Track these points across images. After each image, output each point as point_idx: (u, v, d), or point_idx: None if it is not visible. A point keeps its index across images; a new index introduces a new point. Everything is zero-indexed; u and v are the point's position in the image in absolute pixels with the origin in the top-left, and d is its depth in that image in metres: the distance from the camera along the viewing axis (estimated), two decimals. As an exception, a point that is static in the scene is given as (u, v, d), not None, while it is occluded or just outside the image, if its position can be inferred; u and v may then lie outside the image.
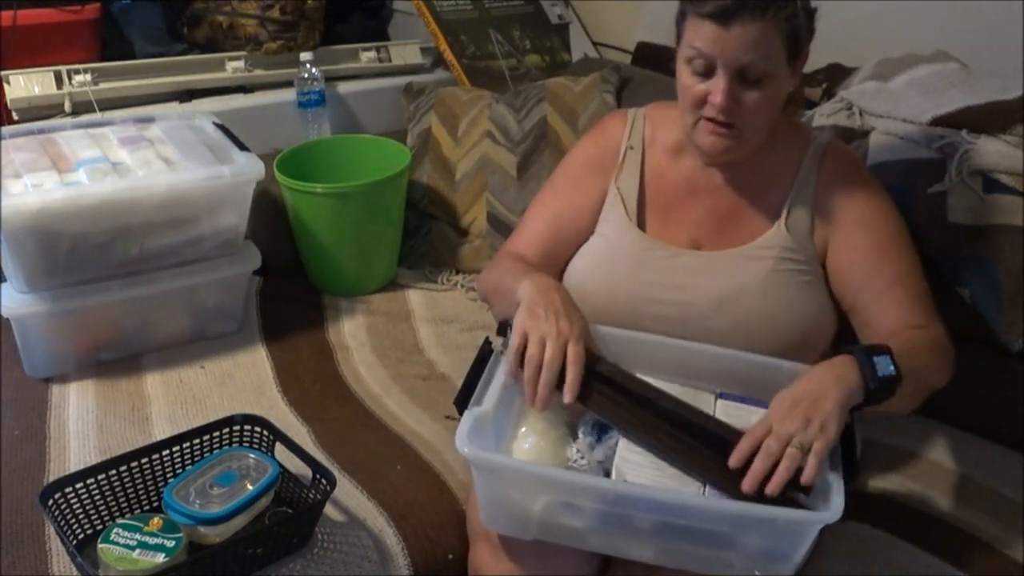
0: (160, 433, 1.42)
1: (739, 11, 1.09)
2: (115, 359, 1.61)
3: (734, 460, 1.02)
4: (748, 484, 0.99)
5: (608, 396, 1.11)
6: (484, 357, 1.17)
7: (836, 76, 1.76)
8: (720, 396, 1.18)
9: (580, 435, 1.14)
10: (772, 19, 1.10)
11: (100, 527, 1.21)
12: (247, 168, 1.58)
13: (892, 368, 1.03)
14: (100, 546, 1.13)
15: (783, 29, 1.12)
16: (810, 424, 1.00)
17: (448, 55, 2.31)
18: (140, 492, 1.26)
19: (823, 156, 1.28)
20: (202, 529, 1.17)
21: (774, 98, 1.18)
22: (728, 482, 1.03)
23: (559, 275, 1.34)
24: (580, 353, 1.09)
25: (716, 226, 1.29)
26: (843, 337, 1.28)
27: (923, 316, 1.20)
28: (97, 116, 1.85)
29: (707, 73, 1.15)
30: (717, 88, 1.14)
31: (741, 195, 1.28)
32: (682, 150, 1.31)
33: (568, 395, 1.08)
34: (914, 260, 1.25)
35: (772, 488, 0.98)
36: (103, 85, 1.98)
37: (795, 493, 1.01)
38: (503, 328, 1.16)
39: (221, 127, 1.73)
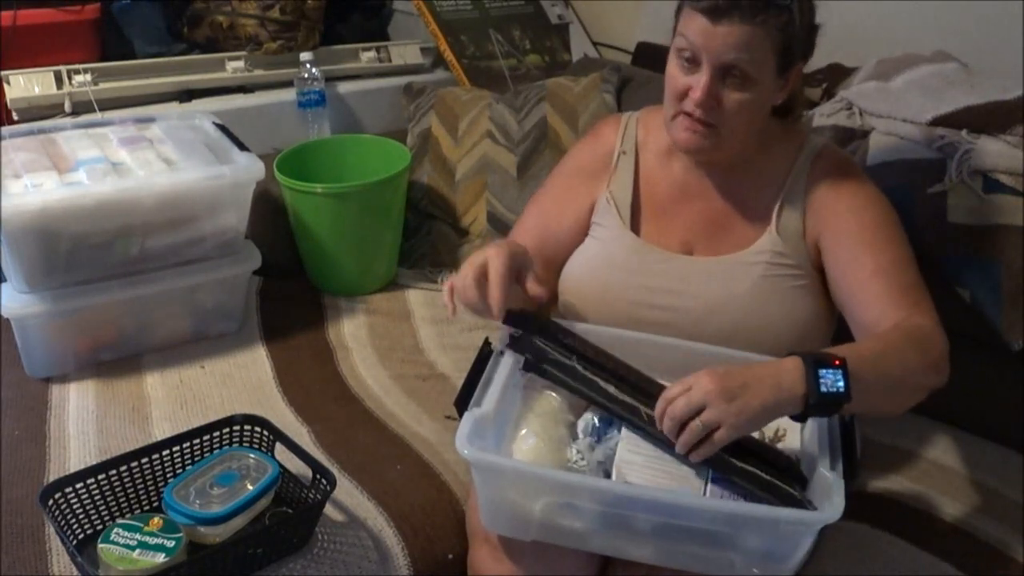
0: (160, 433, 1.42)
1: (730, 10, 1.11)
2: (115, 359, 1.61)
3: (659, 423, 1.02)
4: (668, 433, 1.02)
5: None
6: (484, 358, 1.17)
7: (836, 76, 1.76)
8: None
9: (580, 436, 1.14)
10: (762, 25, 1.11)
11: (100, 527, 1.21)
12: (247, 168, 1.58)
13: (841, 384, 0.98)
14: (100, 546, 1.13)
15: (774, 37, 1.12)
16: (730, 403, 0.98)
17: (448, 55, 2.31)
18: (140, 492, 1.26)
19: (815, 159, 1.27)
20: (202, 529, 1.17)
21: (755, 105, 1.17)
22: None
23: (550, 275, 1.34)
24: (499, 268, 1.11)
25: (708, 230, 1.29)
26: (843, 340, 1.26)
27: (907, 308, 1.15)
28: (97, 116, 1.85)
29: (693, 66, 1.16)
30: (698, 83, 1.15)
31: (732, 199, 1.28)
32: (673, 153, 1.31)
33: (494, 311, 1.11)
34: (901, 251, 1.21)
35: (681, 448, 1.00)
36: (103, 85, 1.98)
37: (795, 489, 1.01)
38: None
39: (221, 127, 1.73)
